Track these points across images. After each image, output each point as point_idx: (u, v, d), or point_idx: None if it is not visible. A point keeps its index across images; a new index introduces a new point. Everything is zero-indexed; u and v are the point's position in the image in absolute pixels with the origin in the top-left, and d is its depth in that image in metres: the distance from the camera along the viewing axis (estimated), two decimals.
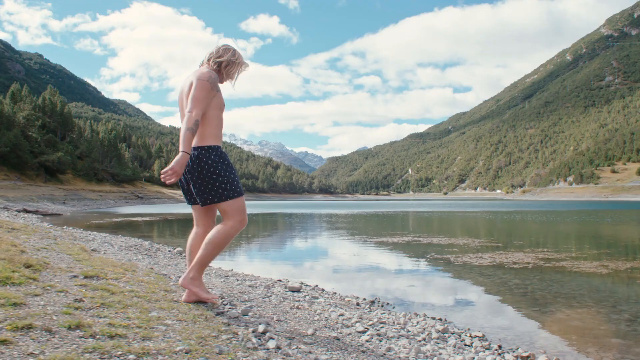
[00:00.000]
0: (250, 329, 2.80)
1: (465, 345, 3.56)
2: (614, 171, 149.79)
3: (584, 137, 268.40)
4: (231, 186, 3.12)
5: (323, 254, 10.64)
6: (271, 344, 2.56)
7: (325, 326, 3.31)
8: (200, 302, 3.22)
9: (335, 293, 5.45)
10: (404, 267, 7.99)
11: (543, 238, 13.78)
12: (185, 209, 41.67)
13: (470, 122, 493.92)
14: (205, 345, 2.24)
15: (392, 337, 3.35)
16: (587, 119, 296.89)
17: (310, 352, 2.59)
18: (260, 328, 2.82)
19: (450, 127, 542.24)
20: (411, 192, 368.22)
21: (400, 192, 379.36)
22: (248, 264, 8.40)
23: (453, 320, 4.50)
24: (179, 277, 4.73)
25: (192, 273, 3.17)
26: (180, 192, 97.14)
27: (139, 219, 23.83)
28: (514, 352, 3.49)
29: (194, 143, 3.09)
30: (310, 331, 3.02)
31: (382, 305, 5.02)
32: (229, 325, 2.79)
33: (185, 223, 21.00)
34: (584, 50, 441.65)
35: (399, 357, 2.87)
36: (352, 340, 2.99)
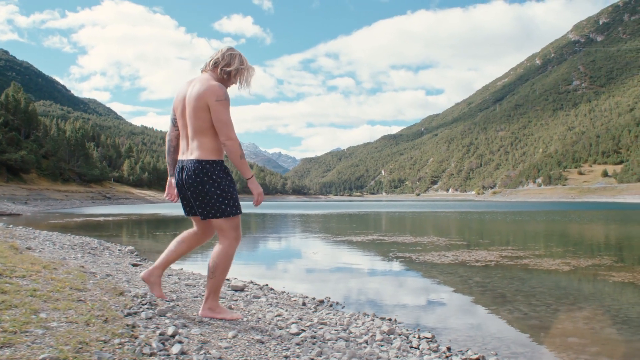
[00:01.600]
0: (158, 332, 2.44)
1: (411, 347, 3.26)
2: (580, 173, 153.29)
3: (553, 139, 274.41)
4: (233, 202, 3.07)
5: (286, 253, 10.29)
6: (175, 349, 2.21)
7: (253, 328, 2.96)
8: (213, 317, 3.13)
9: (283, 292, 5.11)
10: (364, 266, 7.70)
11: (508, 237, 13.71)
12: (152, 209, 40.80)
13: (443, 124, 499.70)
14: (83, 353, 1.87)
15: (328, 340, 3.03)
16: (556, 122, 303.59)
17: (220, 358, 2.24)
18: (170, 330, 2.46)
19: (423, 129, 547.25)
20: (384, 193, 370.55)
21: (373, 193, 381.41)
22: (205, 265, 8.00)
23: (404, 321, 4.21)
24: (107, 275, 4.33)
25: (208, 303, 3.12)
26: (149, 193, 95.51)
27: (102, 219, 23.08)
28: (463, 354, 3.21)
29: (195, 156, 3.02)
30: (231, 334, 2.67)
31: (331, 305, 4.70)
32: (133, 327, 2.43)
33: (149, 223, 20.41)
34: (553, 55, 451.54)
35: None
36: (277, 344, 2.66)
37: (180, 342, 2.35)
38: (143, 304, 3.08)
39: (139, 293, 3.36)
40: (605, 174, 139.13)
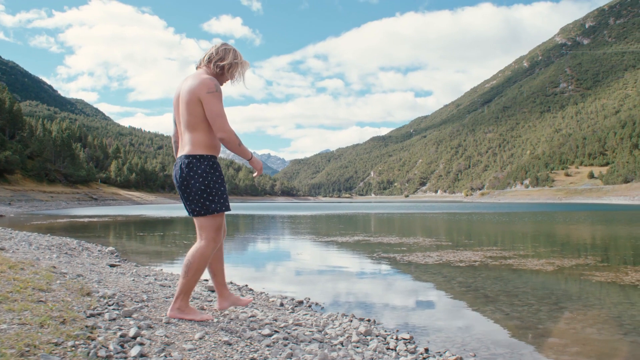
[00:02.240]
0: (119, 334, 2.33)
1: (388, 349, 3.17)
2: (567, 174, 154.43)
3: (540, 141, 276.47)
4: (218, 199, 2.99)
5: (270, 254, 10.17)
6: (134, 351, 2.10)
7: (222, 329, 2.85)
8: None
9: (262, 293, 5.01)
10: (347, 267, 7.62)
11: (494, 238, 13.70)
12: (138, 210, 40.43)
13: (431, 125, 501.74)
14: (29, 356, 1.76)
15: (302, 341, 2.93)
16: (543, 124, 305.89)
17: None
18: (132, 332, 2.36)
19: (411, 131, 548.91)
20: (373, 195, 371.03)
21: (362, 195, 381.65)
22: None
23: (383, 322, 4.13)
24: (79, 275, 4.19)
25: (178, 303, 3.01)
26: (137, 194, 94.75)
27: (87, 220, 22.78)
28: (440, 355, 3.13)
29: (185, 151, 2.98)
30: (198, 335, 2.56)
31: (310, 306, 4.60)
32: (93, 329, 2.32)
33: (134, 225, 20.19)
34: (540, 57, 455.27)
35: None
36: (246, 346, 2.55)
37: (141, 344, 2.25)
38: (109, 305, 2.96)
39: (107, 293, 3.24)
40: (591, 176, 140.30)
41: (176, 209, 43.68)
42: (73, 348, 1.95)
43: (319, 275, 6.76)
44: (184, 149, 2.99)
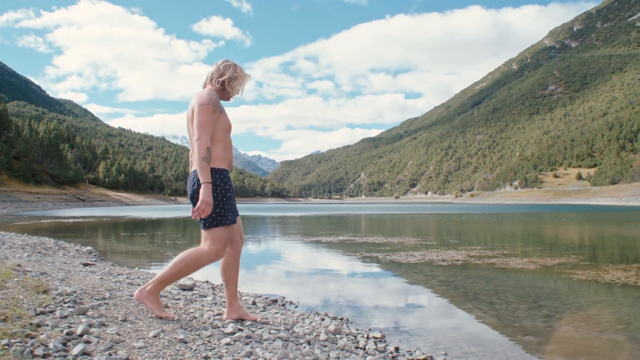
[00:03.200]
0: (66, 331, 2.21)
1: (356, 347, 3.07)
2: (556, 176, 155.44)
3: (529, 143, 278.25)
4: (223, 212, 3.01)
5: (254, 253, 10.03)
6: (77, 349, 2.00)
7: (182, 327, 2.74)
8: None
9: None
10: (328, 266, 7.52)
11: (480, 237, 13.67)
12: (126, 212, 40.10)
13: (422, 127, 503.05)
14: None
15: (265, 340, 2.82)
16: (532, 126, 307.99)
17: (127, 359, 2.02)
18: (80, 329, 2.24)
19: (402, 132, 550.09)
20: (363, 196, 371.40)
21: (352, 196, 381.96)
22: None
23: (356, 320, 4.03)
24: (42, 273, 4.05)
25: (150, 287, 3.01)
26: (126, 195, 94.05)
27: (71, 220, 22.50)
28: (411, 354, 3.04)
29: (196, 165, 2.98)
30: (153, 333, 2.45)
31: (284, 305, 4.49)
32: (38, 326, 2.20)
33: (119, 226, 19.98)
34: (529, 60, 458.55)
35: None
36: (203, 344, 2.44)
37: (87, 342, 2.14)
38: (65, 302, 2.84)
39: (66, 291, 3.12)
40: (579, 177, 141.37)
41: (164, 210, 43.37)
42: (6, 347, 1.84)
43: (298, 275, 6.66)
44: (195, 163, 3.01)
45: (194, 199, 2.99)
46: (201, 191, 2.86)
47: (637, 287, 5.50)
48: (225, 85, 3.21)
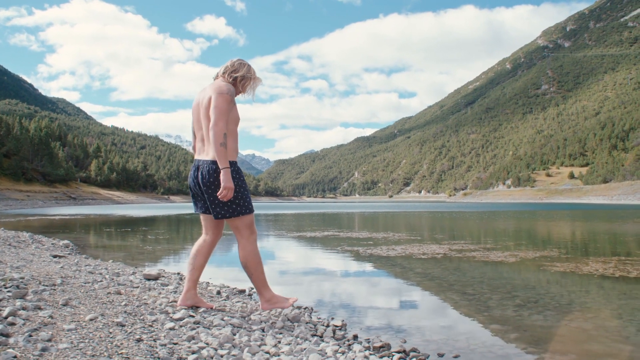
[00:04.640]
0: None
1: (312, 335, 2.98)
2: (548, 175, 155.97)
3: (522, 142, 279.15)
4: (244, 202, 3.16)
5: (235, 249, 9.94)
6: None
7: (125, 312, 2.64)
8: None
9: (203, 282, 4.79)
10: (307, 259, 7.44)
11: (465, 233, 13.61)
12: (116, 210, 39.86)
13: (416, 126, 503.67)
14: None
15: (215, 326, 2.73)
16: (525, 125, 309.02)
17: (49, 340, 1.92)
18: (6, 312, 2.14)
19: (396, 131, 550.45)
20: (357, 195, 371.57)
21: (346, 195, 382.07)
22: (156, 264, 7.60)
23: (321, 309, 3.94)
24: (14, 266, 3.94)
25: (265, 297, 3.34)
26: (118, 193, 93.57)
27: (58, 217, 22.30)
28: (368, 342, 2.95)
29: (212, 156, 3.07)
30: (90, 317, 2.35)
31: (251, 295, 4.39)
32: None
33: (107, 223, 19.83)
34: (523, 59, 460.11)
35: (198, 347, 2.23)
36: (141, 328, 2.34)
37: (12, 323, 2.03)
38: (6, 287, 2.73)
39: (12, 277, 3.00)
40: (572, 176, 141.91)
41: (156, 209, 43.17)
42: None
43: (276, 267, 6.56)
44: (209, 153, 3.08)
45: (213, 187, 3.04)
46: (222, 177, 2.95)
47: (613, 278, 5.45)
48: (237, 82, 3.28)
